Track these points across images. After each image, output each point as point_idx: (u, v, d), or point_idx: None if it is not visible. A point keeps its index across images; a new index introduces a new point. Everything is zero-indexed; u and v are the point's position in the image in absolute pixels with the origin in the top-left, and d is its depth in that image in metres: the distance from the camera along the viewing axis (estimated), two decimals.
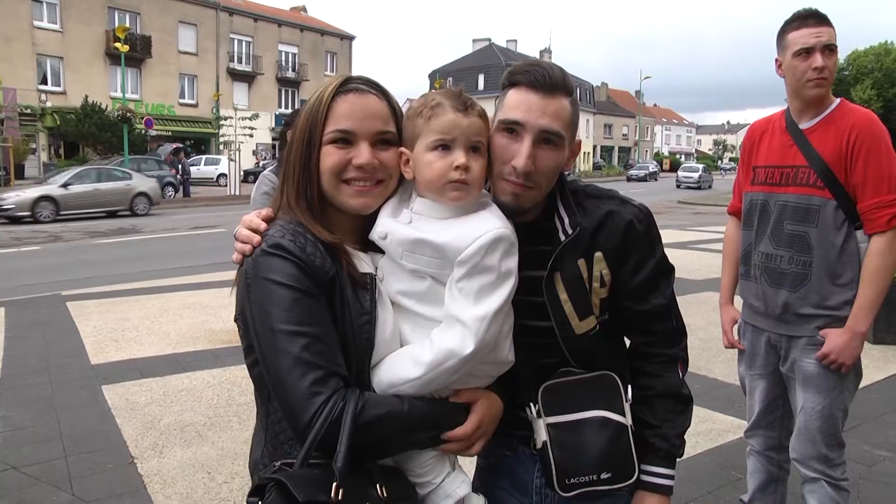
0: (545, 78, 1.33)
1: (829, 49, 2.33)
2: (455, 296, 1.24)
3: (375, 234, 1.31)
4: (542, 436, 1.42)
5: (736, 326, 2.79)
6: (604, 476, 1.40)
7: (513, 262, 1.27)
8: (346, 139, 1.30)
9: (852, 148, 2.27)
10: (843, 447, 2.49)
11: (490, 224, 1.25)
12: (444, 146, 1.27)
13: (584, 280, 1.41)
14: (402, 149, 1.32)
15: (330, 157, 1.30)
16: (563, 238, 1.40)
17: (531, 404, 1.43)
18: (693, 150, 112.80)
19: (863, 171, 2.26)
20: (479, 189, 1.32)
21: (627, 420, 1.43)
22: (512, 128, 1.34)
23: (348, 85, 1.32)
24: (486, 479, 1.61)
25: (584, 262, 1.41)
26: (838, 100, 2.41)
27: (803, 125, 2.43)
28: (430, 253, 1.25)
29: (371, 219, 1.34)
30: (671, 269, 1.50)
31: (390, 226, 1.29)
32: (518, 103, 1.34)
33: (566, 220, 1.41)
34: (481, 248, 1.21)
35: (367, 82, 1.35)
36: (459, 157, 1.26)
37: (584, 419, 1.41)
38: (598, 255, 1.41)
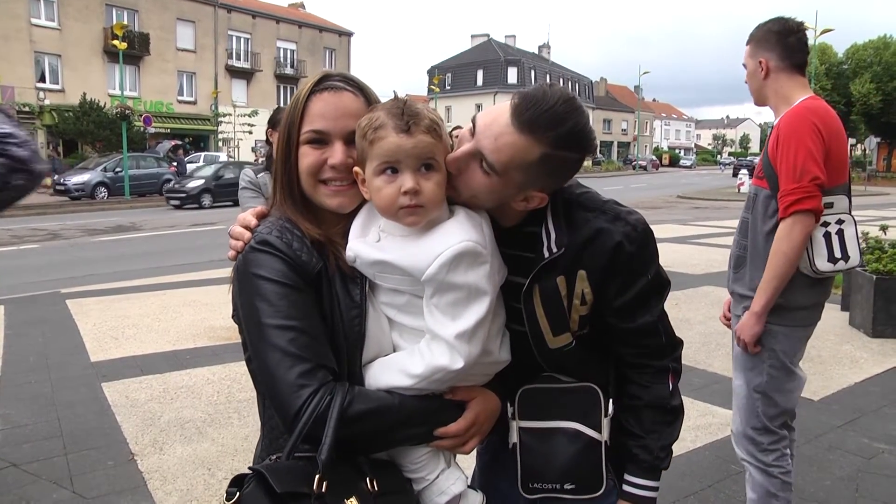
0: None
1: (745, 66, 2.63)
2: (432, 312, 1.22)
3: (347, 256, 1.28)
4: (513, 437, 1.43)
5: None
6: (567, 486, 1.40)
7: (480, 274, 1.21)
8: (320, 139, 1.29)
9: (776, 141, 2.41)
10: (772, 434, 2.52)
11: (453, 238, 1.19)
12: (392, 169, 1.21)
13: (562, 297, 1.34)
14: (356, 168, 1.26)
15: (306, 157, 1.29)
16: (546, 254, 1.33)
17: (509, 404, 1.42)
18: (693, 145, 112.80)
19: (778, 163, 2.39)
20: (437, 206, 1.24)
21: (602, 436, 1.40)
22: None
23: (324, 83, 1.30)
24: (488, 474, 1.61)
25: (564, 279, 1.34)
26: (805, 96, 2.45)
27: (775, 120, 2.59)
28: (399, 272, 1.23)
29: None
30: (665, 285, 1.42)
31: (358, 248, 1.26)
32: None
33: (553, 236, 1.33)
34: (442, 266, 1.17)
35: (343, 79, 1.32)
36: (406, 181, 1.19)
37: (556, 429, 1.41)
38: (582, 273, 1.33)
